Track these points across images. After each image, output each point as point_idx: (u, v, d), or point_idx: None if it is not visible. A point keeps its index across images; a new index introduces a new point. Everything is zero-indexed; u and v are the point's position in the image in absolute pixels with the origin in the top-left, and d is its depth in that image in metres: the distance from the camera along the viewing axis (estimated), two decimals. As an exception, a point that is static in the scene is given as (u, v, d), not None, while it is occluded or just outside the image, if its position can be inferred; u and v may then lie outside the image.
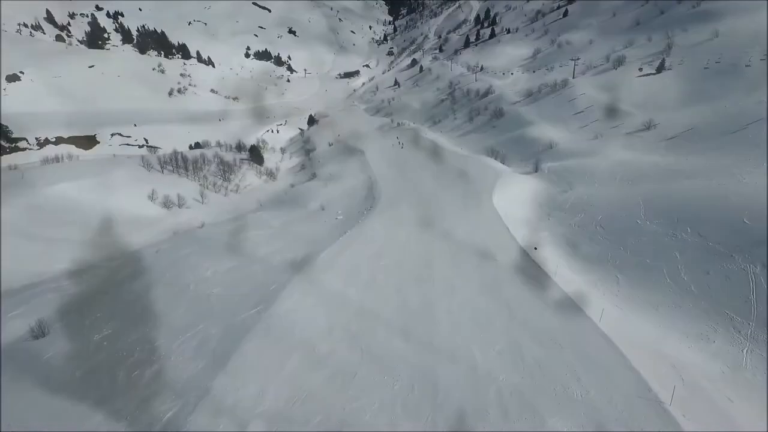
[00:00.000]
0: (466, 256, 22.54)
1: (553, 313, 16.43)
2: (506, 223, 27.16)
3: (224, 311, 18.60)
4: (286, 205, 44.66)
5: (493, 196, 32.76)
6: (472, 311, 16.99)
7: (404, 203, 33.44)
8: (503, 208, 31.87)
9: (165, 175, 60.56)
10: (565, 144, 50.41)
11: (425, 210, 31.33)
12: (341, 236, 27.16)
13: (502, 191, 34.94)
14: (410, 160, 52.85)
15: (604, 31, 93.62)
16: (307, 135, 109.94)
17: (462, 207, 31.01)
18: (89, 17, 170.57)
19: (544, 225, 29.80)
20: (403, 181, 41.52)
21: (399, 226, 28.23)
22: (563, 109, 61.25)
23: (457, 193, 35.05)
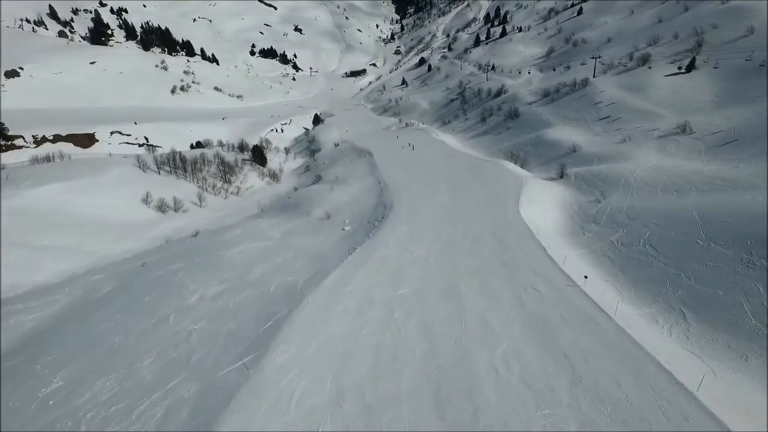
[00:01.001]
0: (500, 284, 18.90)
1: (632, 378, 12.55)
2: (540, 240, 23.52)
3: (204, 361, 15.08)
4: (288, 211, 41.24)
5: (520, 206, 29.13)
6: (522, 368, 13.08)
7: (420, 214, 29.78)
8: (531, 220, 28.29)
9: (162, 176, 57.41)
10: (589, 147, 46.71)
11: (445, 223, 27.71)
12: (349, 254, 23.67)
13: (528, 200, 31.33)
14: (422, 163, 49.28)
15: (622, 29, 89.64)
16: (312, 135, 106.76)
17: (487, 220, 27.36)
18: (92, 13, 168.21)
19: (580, 242, 26.17)
20: (416, 187, 37.88)
21: (416, 243, 24.63)
22: (584, 110, 57.51)
23: (479, 202, 31.39)
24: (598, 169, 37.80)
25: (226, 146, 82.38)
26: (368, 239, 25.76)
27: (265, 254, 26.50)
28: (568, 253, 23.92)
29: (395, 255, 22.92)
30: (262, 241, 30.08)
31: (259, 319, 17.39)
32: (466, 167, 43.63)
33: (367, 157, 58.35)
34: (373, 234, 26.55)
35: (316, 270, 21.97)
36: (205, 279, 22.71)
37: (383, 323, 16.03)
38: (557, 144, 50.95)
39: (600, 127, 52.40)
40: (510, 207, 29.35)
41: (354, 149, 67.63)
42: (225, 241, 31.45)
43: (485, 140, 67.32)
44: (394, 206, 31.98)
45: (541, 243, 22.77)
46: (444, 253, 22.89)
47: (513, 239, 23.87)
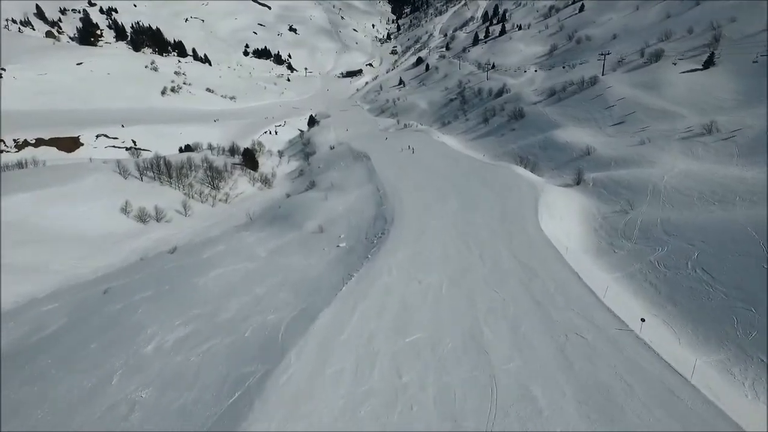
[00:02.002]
0: (534, 328, 15.08)
1: None
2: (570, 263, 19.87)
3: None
4: (278, 222, 37.52)
5: (540, 219, 25.51)
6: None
7: (425, 230, 26.10)
8: (553, 235, 24.71)
9: (144, 183, 53.59)
10: (604, 150, 43.22)
11: (456, 241, 24.04)
12: (345, 283, 19.94)
13: (547, 211, 27.74)
14: (424, 167, 45.67)
15: (628, 25, 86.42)
16: (306, 137, 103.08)
17: (505, 237, 23.68)
18: (81, 13, 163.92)
19: (612, 262, 22.59)
20: (419, 195, 34.20)
21: (424, 267, 20.94)
22: (595, 110, 54.06)
23: (493, 213, 27.72)
24: (619, 175, 34.27)
25: (215, 149, 78.63)
26: (366, 262, 22.07)
27: (246, 280, 22.82)
28: (603, 278, 20.32)
29: (399, 285, 19.21)
30: (244, 261, 26.39)
31: (225, 386, 13.54)
32: (472, 172, 40.01)
33: (364, 161, 54.71)
34: (373, 255, 22.88)
35: (305, 306, 18.30)
36: (168, 317, 19.01)
37: (390, 395, 12.20)
38: (568, 146, 47.46)
39: (613, 127, 48.95)
40: (529, 220, 25.71)
41: (350, 152, 63.98)
42: (203, 261, 27.74)
43: (488, 142, 63.83)
44: (396, 219, 28.30)
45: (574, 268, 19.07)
46: (459, 282, 19.18)
47: (539, 263, 20.21)
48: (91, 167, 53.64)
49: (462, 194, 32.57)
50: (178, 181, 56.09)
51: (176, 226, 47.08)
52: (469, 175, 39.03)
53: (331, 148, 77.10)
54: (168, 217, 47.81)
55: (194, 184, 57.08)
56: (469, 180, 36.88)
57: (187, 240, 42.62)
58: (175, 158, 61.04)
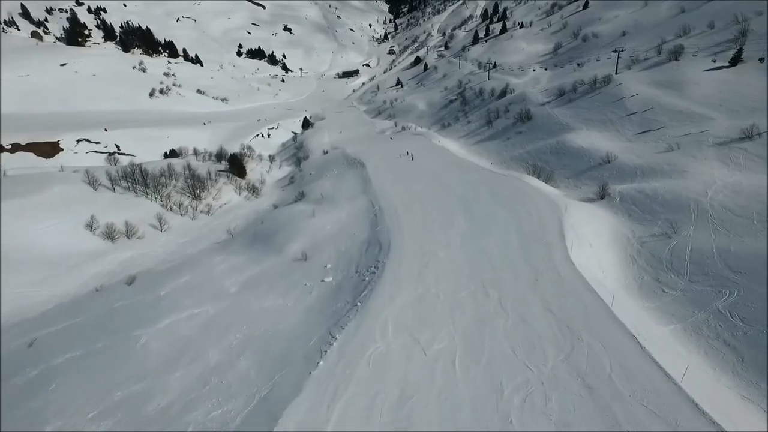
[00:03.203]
0: (592, 418, 10.66)
1: None
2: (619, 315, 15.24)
3: None
4: (259, 242, 32.84)
5: (569, 249, 20.84)
6: None
7: (429, 263, 21.40)
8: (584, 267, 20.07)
9: (117, 194, 48.81)
10: (627, 157, 38.65)
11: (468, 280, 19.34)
12: (324, 351, 15.20)
13: (573, 236, 23.09)
14: (425, 177, 41.00)
15: (638, 22, 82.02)
16: (300, 140, 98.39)
17: (530, 275, 18.98)
18: (68, 13, 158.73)
19: (663, 306, 17.98)
20: (420, 213, 29.49)
21: (428, 322, 16.21)
22: (610, 111, 49.48)
23: (510, 239, 23.01)
24: (651, 189, 29.64)
25: (201, 155, 73.93)
26: (354, 314, 17.35)
27: (202, 335, 18.21)
28: (660, 333, 15.67)
29: (398, 356, 14.47)
30: (207, 302, 21.73)
31: None
32: (480, 183, 35.32)
33: (358, 169, 50.05)
34: (363, 302, 18.20)
35: (266, 391, 13.58)
36: (84, 402, 14.38)
37: None
38: (584, 153, 42.89)
39: (633, 131, 44.36)
40: (555, 249, 21.07)
41: (344, 158, 59.29)
42: (159, 299, 23.08)
43: (493, 146, 59.26)
44: (393, 246, 23.62)
45: (630, 330, 14.38)
46: (476, 349, 14.49)
47: (580, 318, 15.57)
48: (59, 177, 48.85)
49: (470, 212, 27.86)
50: (155, 192, 51.32)
51: (149, 243, 42.33)
52: (477, 186, 34.30)
53: (324, 153, 72.49)
54: (140, 234, 43.05)
55: (173, 195, 52.30)
56: (477, 193, 32.15)
57: (157, 261, 37.92)
58: (153, 166, 56.25)
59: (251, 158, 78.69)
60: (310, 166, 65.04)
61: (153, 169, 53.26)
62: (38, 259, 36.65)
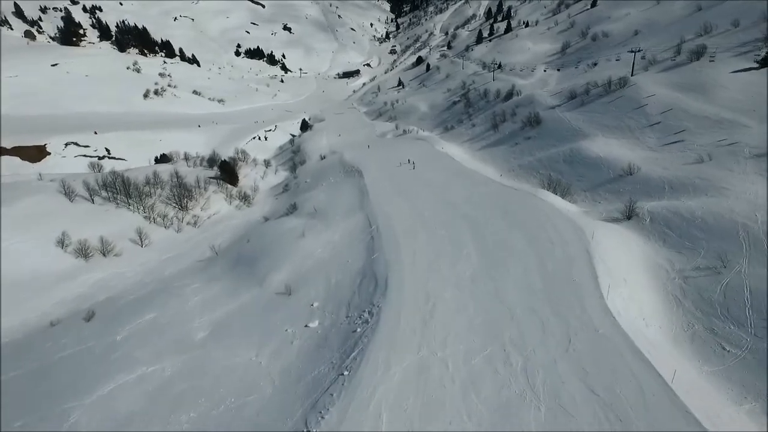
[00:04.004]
0: None
1: None
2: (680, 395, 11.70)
3: None
4: (242, 265, 29.33)
5: (604, 294, 17.20)
6: None
7: (434, 311, 17.61)
8: (622, 313, 16.48)
9: (96, 205, 45.35)
10: (651, 168, 34.99)
11: (484, 338, 15.65)
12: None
13: (605, 271, 19.46)
14: (428, 190, 37.37)
15: (651, 20, 78.20)
16: (297, 143, 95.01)
17: (559, 334, 15.15)
18: (63, 12, 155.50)
19: (728, 374, 14.35)
20: (422, 237, 25.76)
21: (437, 410, 12.63)
22: (627, 116, 45.81)
23: (531, 281, 19.19)
24: (687, 208, 25.91)
25: (192, 160, 70.35)
26: (340, 393, 13.72)
27: (145, 414, 14.65)
28: (723, 407, 12.03)
29: None
30: (166, 356, 18.16)
31: None
32: (490, 199, 31.66)
33: (356, 178, 46.51)
34: (352, 372, 14.56)
35: None
36: None
37: None
38: (602, 162, 39.23)
39: (655, 138, 40.67)
40: (588, 295, 17.42)
41: (342, 165, 55.78)
42: (112, 347, 19.56)
43: (499, 152, 55.65)
44: (391, 285, 20.00)
45: (702, 422, 10.82)
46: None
47: (636, 405, 11.94)
48: (33, 188, 45.41)
49: (481, 238, 24.17)
50: (138, 202, 47.81)
51: (127, 261, 38.85)
52: (487, 204, 30.65)
53: (321, 158, 69.01)
54: (118, 250, 39.56)
55: (158, 205, 48.78)
56: (488, 213, 28.49)
57: (133, 282, 34.49)
58: (138, 173, 52.77)
59: (245, 163, 75.29)
60: (306, 173, 61.54)
61: (136, 177, 49.76)
62: (1, 281, 33.16)
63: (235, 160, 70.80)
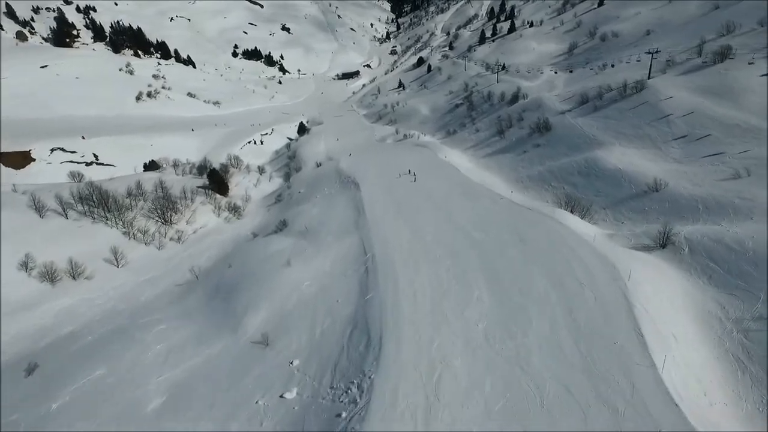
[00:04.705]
0: None
1: None
2: None
3: None
4: (219, 298, 25.83)
5: (658, 364, 13.61)
6: None
7: (439, 385, 13.97)
8: (683, 396, 12.82)
9: (70, 221, 41.82)
10: (680, 184, 31.36)
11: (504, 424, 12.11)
12: None
13: (649, 324, 15.83)
14: (430, 208, 33.74)
15: (663, 19, 74.53)
16: (294, 148, 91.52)
17: (607, 423, 11.87)
18: (55, 12, 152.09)
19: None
20: (425, 271, 22.04)
21: None
22: (647, 124, 42.18)
23: (561, 342, 15.14)
24: (733, 237, 22.25)
25: (182, 167, 66.86)
26: None
27: None
28: None
29: None
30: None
31: None
32: (502, 221, 28.00)
33: (352, 191, 42.99)
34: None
35: None
36: None
37: None
38: (622, 176, 35.58)
39: (679, 149, 37.02)
40: (637, 365, 13.78)
41: (338, 175, 52.23)
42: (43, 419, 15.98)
43: (506, 161, 52.08)
44: (387, 347, 16.23)
45: None
46: None
47: None
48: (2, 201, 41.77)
49: (494, 275, 20.47)
50: (117, 216, 44.24)
51: (99, 284, 35.32)
52: (497, 226, 27.04)
53: (317, 166, 65.57)
54: (90, 272, 36.01)
55: (138, 219, 45.21)
56: (500, 239, 24.84)
57: (103, 311, 31.00)
58: (117, 184, 49.25)
59: (238, 169, 71.88)
60: (300, 182, 57.99)
61: (116, 190, 46.21)
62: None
63: (227, 168, 67.32)
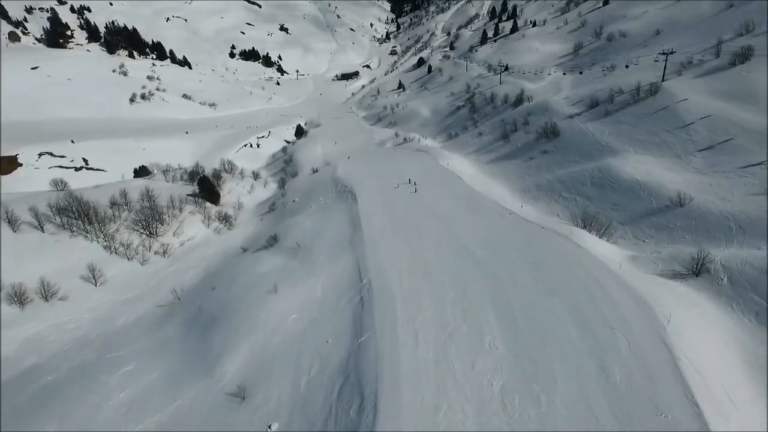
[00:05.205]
0: None
1: None
2: None
3: None
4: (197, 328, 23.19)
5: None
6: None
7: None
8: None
9: (46, 234, 39.10)
10: (707, 199, 28.65)
11: None
12: None
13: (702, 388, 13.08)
14: (431, 226, 30.98)
15: (673, 19, 71.80)
16: (290, 151, 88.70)
17: None
18: (49, 12, 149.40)
19: None
20: (429, 306, 19.35)
21: None
22: (665, 130, 39.43)
23: (598, 412, 12.55)
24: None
25: (172, 173, 64.08)
26: None
27: None
28: None
29: None
30: None
31: None
32: (513, 243, 25.22)
33: (348, 202, 40.30)
34: None
35: None
36: None
37: None
38: (640, 187, 32.85)
39: (702, 158, 34.27)
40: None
41: (334, 183, 49.56)
42: None
43: (512, 168, 49.43)
44: (383, 414, 13.55)
45: None
46: None
47: None
48: (-27, 214, 39.06)
49: (508, 313, 17.60)
50: (99, 229, 41.50)
51: (74, 306, 32.62)
52: (508, 248, 24.28)
53: (313, 172, 62.74)
54: (65, 292, 33.28)
55: (121, 232, 42.49)
56: (512, 265, 22.03)
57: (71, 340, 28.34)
58: (99, 194, 46.53)
59: (232, 175, 69.13)
60: (295, 190, 55.21)
61: (97, 201, 43.46)
62: None
63: (219, 174, 64.53)
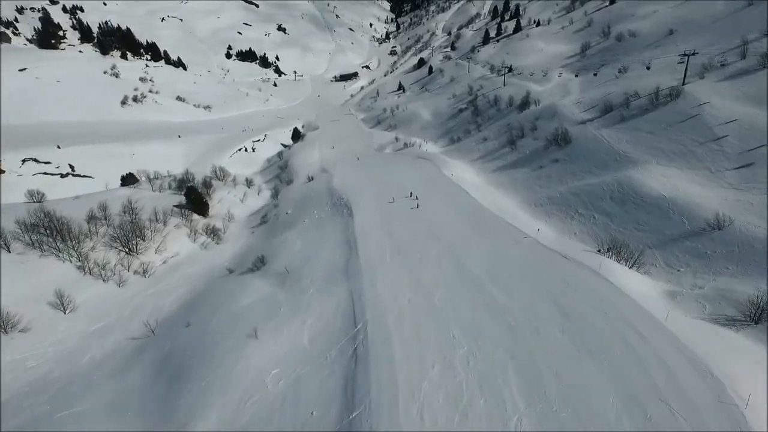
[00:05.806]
0: None
1: None
2: None
3: None
4: (158, 388, 19.84)
5: None
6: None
7: None
8: None
9: (13, 254, 35.69)
10: (747, 219, 25.34)
11: None
12: None
13: None
14: (436, 252, 27.59)
15: (687, 18, 68.35)
16: (286, 156, 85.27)
17: None
18: (40, 12, 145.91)
19: None
20: (435, 353, 15.87)
21: None
22: (690, 139, 36.08)
23: None
24: None
25: (160, 180, 60.70)
26: None
27: None
28: None
29: None
30: None
31: None
32: (532, 277, 21.86)
33: (344, 218, 36.98)
34: None
35: None
36: None
37: None
38: (668, 205, 29.49)
39: (734, 171, 30.98)
40: None
41: (329, 194, 46.32)
42: None
43: (520, 177, 46.16)
44: None
45: None
46: None
47: None
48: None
49: (535, 380, 14.24)
50: (73, 247, 38.07)
51: (37, 338, 29.24)
52: (526, 284, 20.94)
53: (309, 180, 59.40)
54: (27, 322, 29.87)
55: (98, 249, 39.05)
56: (534, 309, 18.61)
57: (30, 381, 25.06)
58: (79, 205, 43.21)
59: (224, 182, 65.70)
60: (289, 201, 51.90)
61: (70, 216, 40.01)
62: None
63: (210, 182, 61.11)
